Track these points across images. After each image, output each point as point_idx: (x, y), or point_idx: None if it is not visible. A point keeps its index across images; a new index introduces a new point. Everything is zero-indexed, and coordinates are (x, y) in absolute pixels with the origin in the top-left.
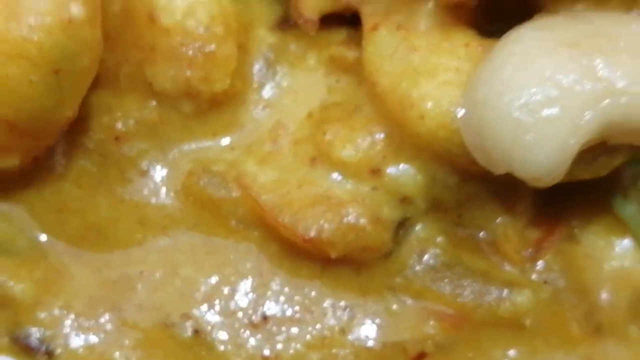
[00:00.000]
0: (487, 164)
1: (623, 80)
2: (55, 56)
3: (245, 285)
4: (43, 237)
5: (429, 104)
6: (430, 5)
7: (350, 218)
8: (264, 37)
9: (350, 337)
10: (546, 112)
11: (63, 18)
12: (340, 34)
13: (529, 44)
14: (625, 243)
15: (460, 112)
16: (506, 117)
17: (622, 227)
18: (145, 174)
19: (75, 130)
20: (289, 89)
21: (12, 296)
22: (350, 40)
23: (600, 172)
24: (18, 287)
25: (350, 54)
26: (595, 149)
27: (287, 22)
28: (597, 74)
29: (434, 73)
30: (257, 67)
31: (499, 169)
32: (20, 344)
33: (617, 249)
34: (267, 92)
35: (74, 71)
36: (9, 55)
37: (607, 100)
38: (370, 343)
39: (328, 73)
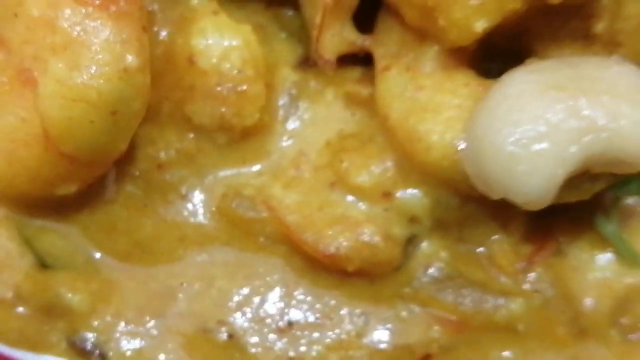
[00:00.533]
0: (485, 190)
1: (604, 119)
2: (113, 100)
3: (273, 295)
4: (97, 254)
5: (434, 138)
6: (435, 49)
7: (365, 236)
8: (288, 75)
9: (365, 340)
10: (537, 146)
11: (120, 67)
12: (355, 73)
13: (522, 87)
14: (607, 257)
15: (462, 145)
16: (501, 150)
17: (604, 243)
18: (184, 197)
19: (124, 160)
20: (309, 122)
21: (70, 306)
22: (364, 78)
23: (584, 196)
24: (75, 298)
25: (364, 90)
26: (580, 177)
27: (307, 62)
28: (581, 113)
29: (439, 110)
30: (281, 102)
31: (495, 195)
32: (77, 348)
33: (599, 262)
34: (291, 124)
35: (128, 112)
36: (73, 100)
37: (589, 136)
38: (383, 345)
39: (344, 107)
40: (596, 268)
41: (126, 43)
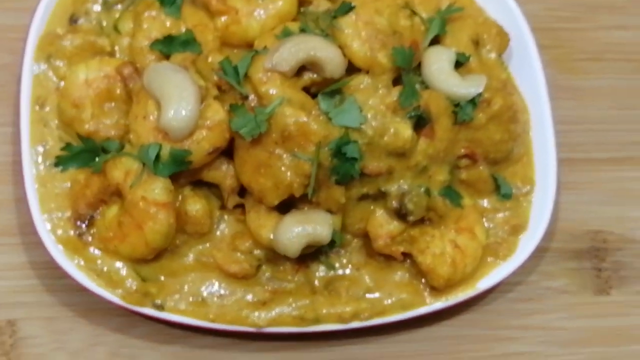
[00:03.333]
0: (279, 251)
1: (313, 230)
2: (167, 234)
3: (216, 285)
4: (161, 277)
5: (264, 235)
6: (264, 206)
7: (243, 266)
8: (216, 212)
9: (246, 293)
10: (293, 240)
11: (169, 223)
12: (239, 211)
13: (288, 220)
14: (323, 268)
15: (272, 237)
16: (281, 240)
17: (323, 265)
18: (186, 255)
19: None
20: (226, 229)
21: (151, 292)
22: (243, 212)
23: (309, 251)
24: (153, 290)
25: (243, 217)
26: (306, 247)
27: (224, 207)
28: (307, 229)
29: (265, 226)
30: (215, 222)
31: (281, 253)
32: (154, 305)
33: (321, 271)
34: (219, 229)
35: (170, 236)
36: (155, 233)
37: (310, 237)
38: (250, 300)
39: (237, 223)
40: (320, 271)
41: (170, 216)
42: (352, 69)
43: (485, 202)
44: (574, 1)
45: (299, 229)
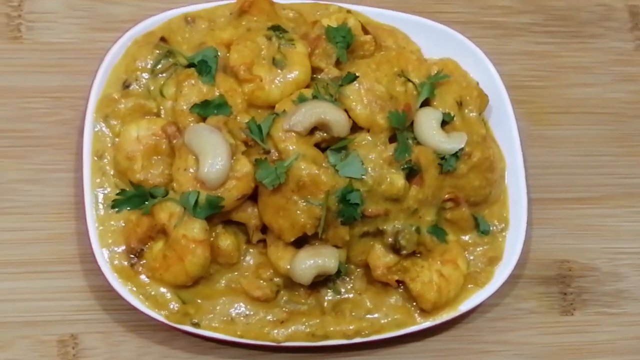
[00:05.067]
0: (295, 280)
1: (322, 262)
2: (203, 265)
3: (242, 307)
4: (198, 300)
5: (282, 265)
6: (282, 242)
7: (265, 290)
8: (243, 246)
9: (266, 317)
10: (306, 270)
11: (205, 257)
12: (261, 245)
13: (301, 254)
14: (331, 293)
15: (289, 268)
16: (297, 270)
17: (332, 291)
18: (218, 281)
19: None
20: (252, 261)
21: (190, 313)
22: (264, 246)
23: (319, 279)
24: (191, 311)
25: (266, 251)
26: (317, 276)
27: (249, 242)
28: (317, 261)
29: (284, 258)
30: (242, 253)
31: (297, 281)
32: (192, 323)
33: (329, 295)
34: (245, 260)
35: (206, 268)
36: (194, 265)
37: (320, 268)
38: (270, 318)
39: (259, 255)
40: (329, 295)
41: (206, 251)
42: (355, 128)
43: (466, 238)
44: (545, 62)
45: (311, 262)
